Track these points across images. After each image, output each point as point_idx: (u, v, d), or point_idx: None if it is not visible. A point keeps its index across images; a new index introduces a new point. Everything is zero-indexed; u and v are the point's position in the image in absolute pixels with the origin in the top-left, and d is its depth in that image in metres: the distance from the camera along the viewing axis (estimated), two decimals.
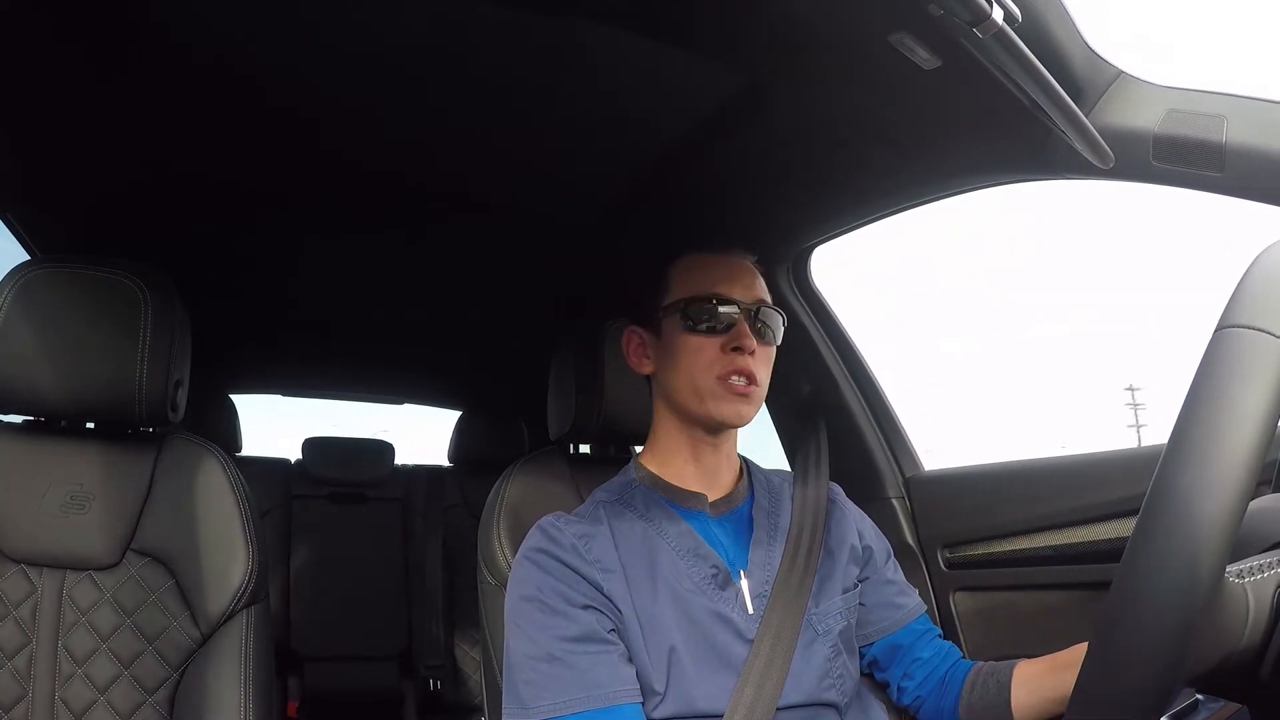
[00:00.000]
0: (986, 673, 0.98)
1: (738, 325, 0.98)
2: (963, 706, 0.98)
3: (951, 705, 0.99)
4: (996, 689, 0.96)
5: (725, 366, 0.97)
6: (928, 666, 1.03)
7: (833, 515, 1.06)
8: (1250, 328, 0.48)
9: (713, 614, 0.91)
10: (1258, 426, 0.45)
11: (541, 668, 0.86)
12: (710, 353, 0.98)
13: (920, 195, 1.26)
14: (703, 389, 0.97)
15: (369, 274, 1.91)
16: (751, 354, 0.97)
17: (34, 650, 1.06)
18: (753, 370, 0.97)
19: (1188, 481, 0.45)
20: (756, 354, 0.98)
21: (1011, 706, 0.93)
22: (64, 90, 1.14)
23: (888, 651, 1.05)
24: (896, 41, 0.86)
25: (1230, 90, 0.84)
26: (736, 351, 0.97)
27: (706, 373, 0.97)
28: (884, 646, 1.05)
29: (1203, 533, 0.44)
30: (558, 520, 0.97)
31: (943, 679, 1.01)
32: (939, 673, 1.02)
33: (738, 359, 0.96)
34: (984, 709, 0.96)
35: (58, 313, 1.08)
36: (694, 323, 0.99)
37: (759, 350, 0.99)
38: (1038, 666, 0.94)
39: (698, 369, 0.98)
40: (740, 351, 0.97)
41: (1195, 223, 31.09)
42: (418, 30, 1.02)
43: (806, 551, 0.99)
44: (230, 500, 1.14)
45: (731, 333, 0.98)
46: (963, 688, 0.99)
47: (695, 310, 0.99)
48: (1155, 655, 0.44)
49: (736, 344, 0.97)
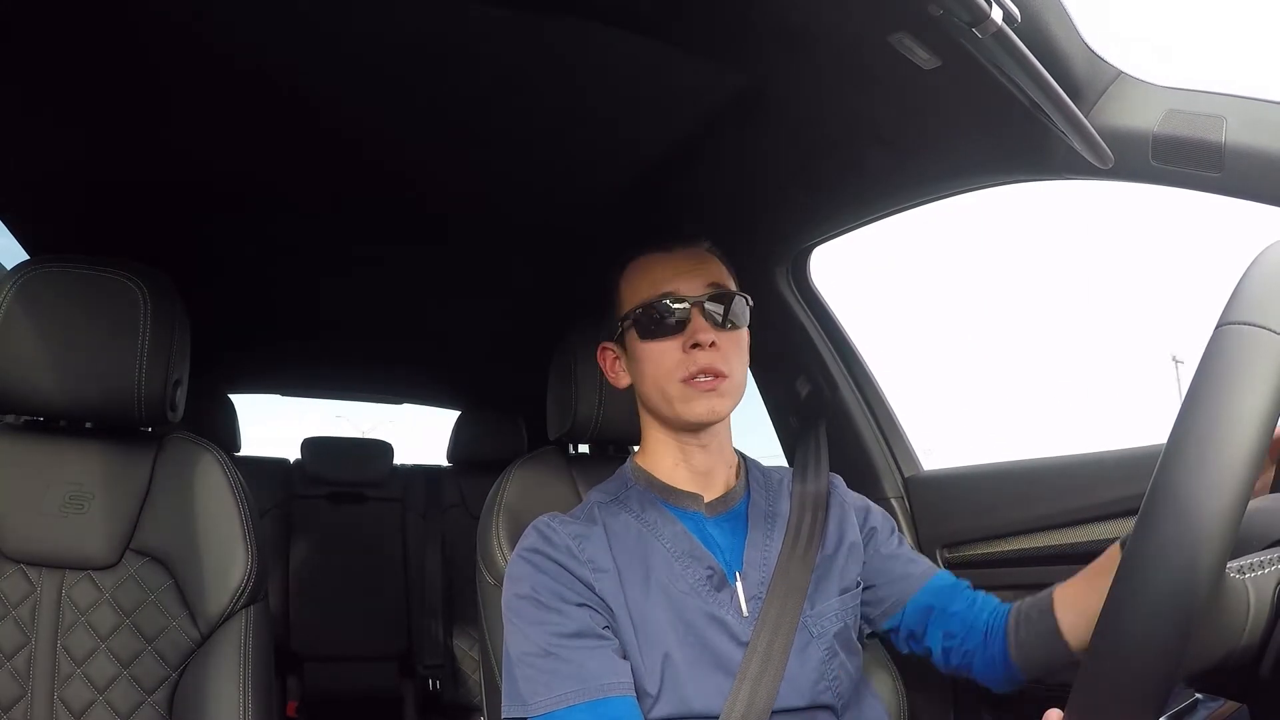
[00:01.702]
0: (1028, 608, 0.93)
1: (691, 321, 0.96)
2: (1012, 649, 0.92)
3: (1000, 651, 0.94)
4: (1041, 619, 0.90)
5: (688, 368, 0.95)
6: (964, 620, 0.98)
7: (831, 510, 1.04)
8: (1251, 324, 0.48)
9: (707, 616, 0.91)
10: (1258, 423, 0.45)
11: (538, 663, 0.86)
12: (671, 356, 0.96)
13: (919, 195, 1.25)
14: (671, 394, 0.96)
15: (368, 274, 1.91)
16: (713, 346, 0.95)
17: (33, 650, 1.06)
18: (716, 365, 0.95)
19: (1188, 478, 0.45)
20: (720, 344, 0.96)
21: (1062, 632, 0.88)
22: (64, 90, 1.14)
23: (919, 616, 1.01)
24: (896, 42, 0.86)
25: (1229, 90, 0.84)
26: (697, 348, 0.95)
27: (670, 378, 0.96)
28: (914, 612, 1.01)
29: (1203, 530, 0.44)
30: (552, 520, 0.97)
31: (986, 628, 0.96)
32: (980, 622, 0.97)
33: (699, 356, 0.94)
34: (1035, 644, 0.90)
35: (57, 313, 1.08)
36: (647, 329, 0.98)
37: (722, 339, 0.96)
38: (1076, 584, 0.89)
39: (661, 376, 0.97)
40: (700, 347, 0.95)
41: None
42: (418, 32, 1.02)
43: (804, 549, 0.97)
44: (229, 500, 1.14)
45: (686, 331, 0.96)
46: (1007, 630, 0.93)
47: (646, 316, 0.98)
48: (1155, 653, 0.44)
49: (694, 341, 0.95)
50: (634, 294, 1.01)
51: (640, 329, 0.98)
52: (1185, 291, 74.06)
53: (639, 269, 1.02)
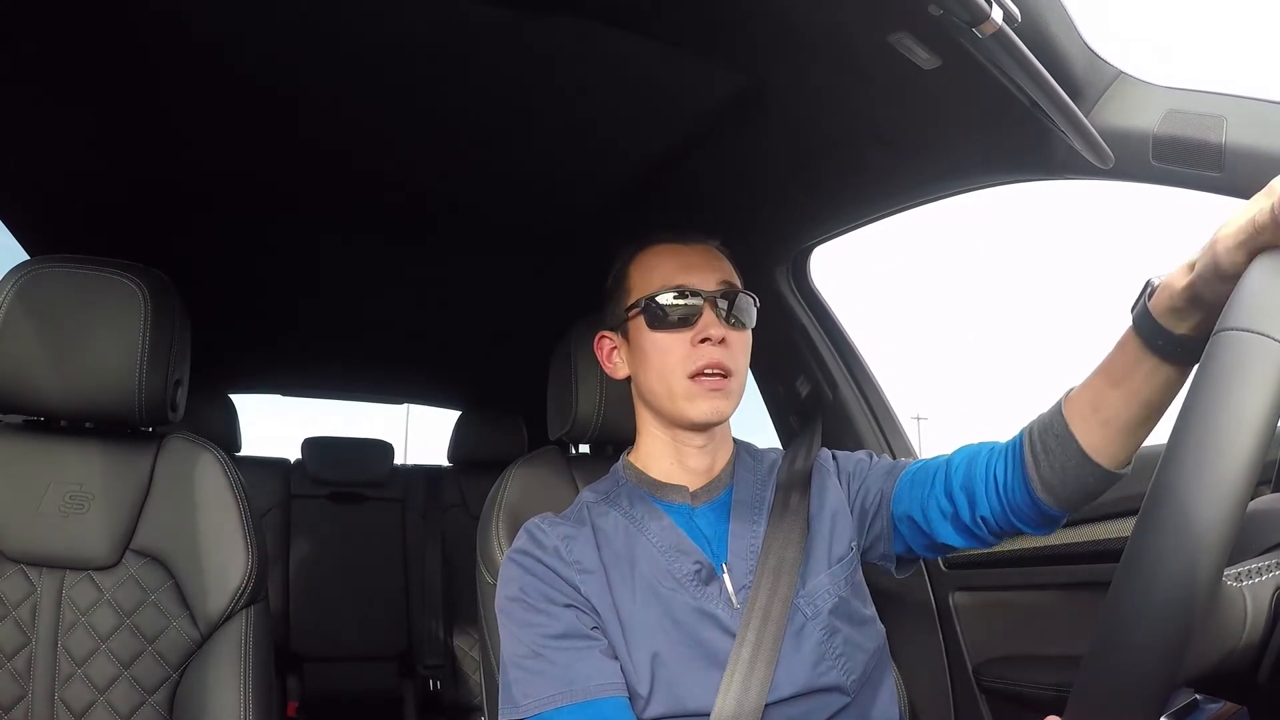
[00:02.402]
0: (1039, 432, 0.83)
1: (702, 315, 0.95)
2: (1040, 491, 0.83)
3: (1019, 487, 0.84)
4: (1061, 447, 0.80)
5: (696, 362, 0.94)
6: (967, 469, 0.90)
7: (812, 483, 1.01)
8: (1249, 330, 0.48)
9: (696, 611, 0.90)
10: (1256, 428, 0.45)
11: (527, 664, 0.86)
12: (679, 350, 0.95)
13: (920, 195, 1.25)
14: (676, 390, 0.95)
15: (369, 274, 1.92)
16: (722, 343, 0.94)
17: (33, 650, 1.06)
18: (725, 361, 0.94)
19: (1186, 483, 0.45)
20: (729, 342, 0.95)
21: (1085, 449, 0.78)
22: (64, 90, 1.14)
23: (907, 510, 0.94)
24: (896, 41, 0.86)
25: (1229, 90, 0.84)
26: (706, 343, 0.94)
27: (677, 371, 0.95)
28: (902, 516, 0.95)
29: (1201, 534, 0.44)
30: (543, 522, 0.97)
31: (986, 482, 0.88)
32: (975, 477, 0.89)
33: (708, 351, 0.94)
34: (1061, 468, 0.80)
35: (57, 312, 1.08)
36: (657, 320, 0.97)
37: (731, 337, 0.96)
38: (1086, 390, 0.79)
39: (668, 368, 0.96)
40: (709, 342, 0.94)
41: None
42: (418, 32, 1.02)
43: (790, 530, 0.95)
44: (229, 500, 1.14)
45: (697, 325, 0.95)
46: (1024, 461, 0.84)
47: (657, 306, 0.97)
48: (1153, 659, 0.44)
49: (704, 335, 0.94)
50: (645, 283, 0.99)
51: (649, 318, 0.97)
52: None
53: (651, 258, 1.01)
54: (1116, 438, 0.77)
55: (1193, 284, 0.64)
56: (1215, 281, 0.61)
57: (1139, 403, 0.74)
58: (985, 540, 0.92)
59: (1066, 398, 0.81)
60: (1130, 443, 0.78)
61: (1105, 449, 0.78)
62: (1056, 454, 0.81)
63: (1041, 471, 0.83)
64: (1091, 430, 0.78)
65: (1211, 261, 0.60)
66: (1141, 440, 0.78)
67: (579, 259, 1.71)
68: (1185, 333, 0.68)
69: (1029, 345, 74.60)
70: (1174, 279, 0.67)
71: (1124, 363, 0.74)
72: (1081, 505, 0.83)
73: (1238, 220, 0.57)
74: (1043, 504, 0.83)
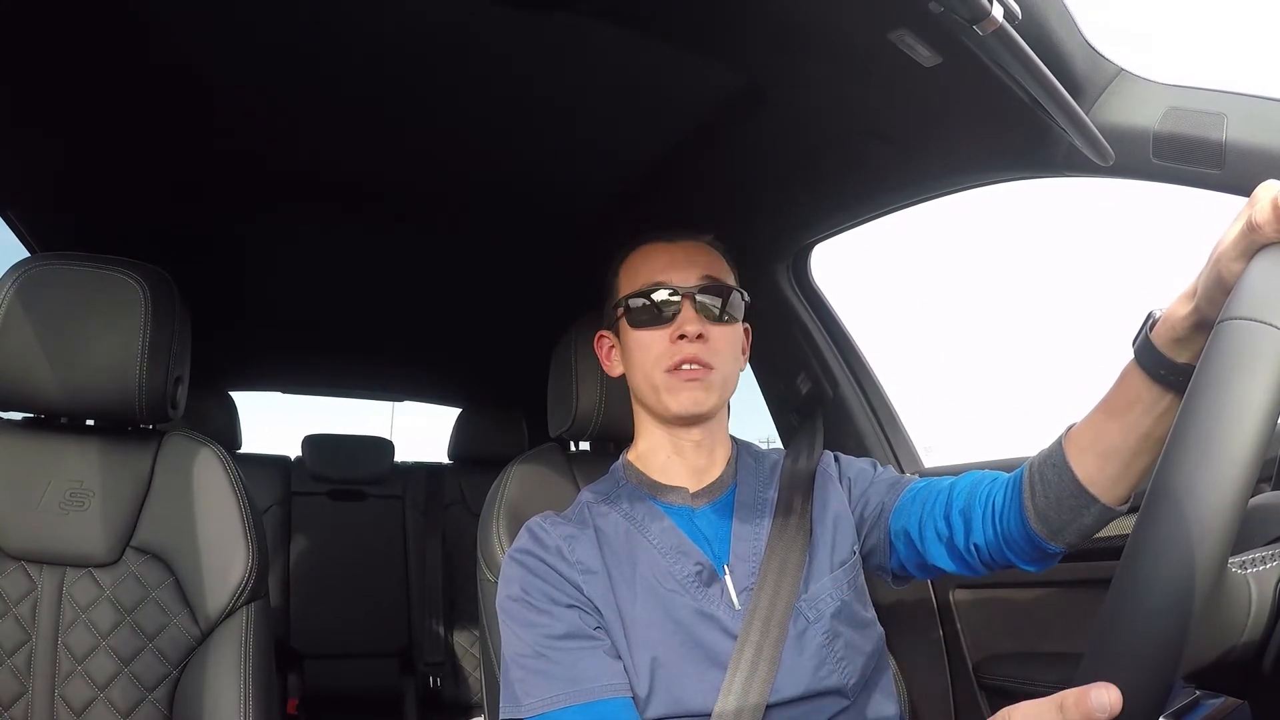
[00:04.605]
0: (1039, 464, 0.83)
1: (681, 311, 0.96)
2: (1029, 511, 0.83)
3: (1015, 517, 0.84)
4: (1058, 476, 0.80)
5: (672, 358, 0.95)
6: (969, 495, 0.90)
7: (816, 485, 1.01)
8: (1253, 320, 0.48)
9: (697, 613, 0.89)
10: (1260, 418, 0.45)
11: (530, 664, 0.86)
12: (658, 346, 0.97)
13: (920, 193, 1.25)
14: (657, 384, 0.97)
15: (369, 271, 1.92)
16: (700, 338, 0.95)
17: (34, 647, 1.06)
18: (701, 357, 0.95)
19: (1190, 473, 0.45)
20: (710, 336, 0.96)
21: (1081, 480, 0.79)
22: (65, 89, 1.14)
23: (904, 528, 0.94)
24: (897, 39, 0.86)
25: (1230, 88, 0.84)
26: (683, 339, 0.95)
27: (656, 367, 0.97)
28: (898, 532, 0.95)
29: (1205, 525, 0.44)
30: (544, 521, 0.97)
31: (984, 509, 0.88)
32: (975, 502, 0.89)
33: (684, 347, 0.95)
34: (1056, 499, 0.81)
35: (58, 310, 1.08)
36: (636, 318, 0.99)
37: (712, 331, 0.97)
38: (1087, 423, 0.79)
39: (649, 364, 0.97)
40: (686, 339, 0.95)
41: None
42: (418, 29, 1.02)
43: (794, 532, 0.95)
44: (230, 497, 1.14)
45: (676, 321, 0.96)
46: (1023, 492, 0.84)
47: (637, 304, 0.99)
48: (1156, 649, 0.44)
49: (680, 332, 0.95)
50: (629, 282, 1.01)
51: (630, 317, 1.00)
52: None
53: (637, 258, 1.03)
54: (1113, 470, 0.78)
55: (1197, 307, 0.64)
56: (1220, 296, 0.60)
57: (1138, 435, 0.75)
58: (975, 569, 0.92)
59: (1068, 432, 0.82)
60: (1127, 476, 0.78)
61: (1101, 481, 0.78)
62: (1053, 484, 0.81)
63: (1037, 502, 0.82)
64: (1089, 462, 0.79)
65: (1215, 276, 0.60)
66: (1139, 475, 0.78)
67: (579, 256, 1.71)
68: (1188, 360, 0.69)
69: (1044, 360, 74.21)
70: (1175, 309, 0.68)
71: (1125, 395, 0.75)
72: (1076, 542, 0.83)
73: (1233, 232, 0.58)
74: (1036, 536, 0.83)
